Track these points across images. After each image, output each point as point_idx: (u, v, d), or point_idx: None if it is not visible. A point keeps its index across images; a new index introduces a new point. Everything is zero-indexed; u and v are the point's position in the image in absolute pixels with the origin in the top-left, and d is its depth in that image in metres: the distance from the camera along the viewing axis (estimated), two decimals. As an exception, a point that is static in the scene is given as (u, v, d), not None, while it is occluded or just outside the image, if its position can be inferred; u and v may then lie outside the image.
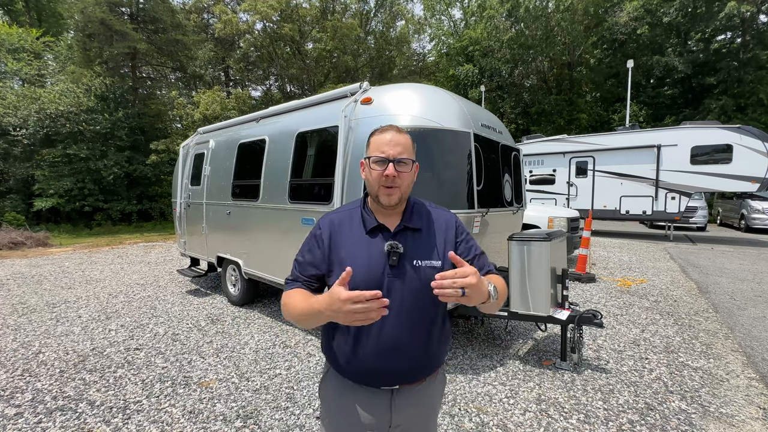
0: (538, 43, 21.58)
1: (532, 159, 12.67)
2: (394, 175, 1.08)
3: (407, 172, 1.11)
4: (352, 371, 1.12)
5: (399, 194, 1.11)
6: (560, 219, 6.64)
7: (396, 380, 1.11)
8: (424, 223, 1.17)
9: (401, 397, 1.13)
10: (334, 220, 1.17)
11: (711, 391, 2.83)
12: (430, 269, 1.10)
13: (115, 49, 14.20)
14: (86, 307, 4.94)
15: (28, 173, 13.67)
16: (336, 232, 1.14)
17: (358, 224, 1.15)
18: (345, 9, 21.30)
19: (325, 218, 1.19)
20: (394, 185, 1.09)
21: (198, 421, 2.48)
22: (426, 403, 1.19)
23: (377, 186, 1.10)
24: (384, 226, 1.13)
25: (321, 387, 1.24)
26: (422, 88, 3.60)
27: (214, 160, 5.32)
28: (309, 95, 9.82)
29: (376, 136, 1.13)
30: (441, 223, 1.19)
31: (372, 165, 1.10)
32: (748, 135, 9.40)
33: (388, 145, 1.09)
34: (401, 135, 1.12)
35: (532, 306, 3.12)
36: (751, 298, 5.17)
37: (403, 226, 1.14)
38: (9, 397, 2.77)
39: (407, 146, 1.12)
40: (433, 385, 1.21)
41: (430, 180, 3.20)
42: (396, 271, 1.08)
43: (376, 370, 1.09)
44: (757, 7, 17.26)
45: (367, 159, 1.12)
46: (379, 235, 1.12)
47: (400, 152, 1.09)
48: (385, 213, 1.15)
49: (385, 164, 1.08)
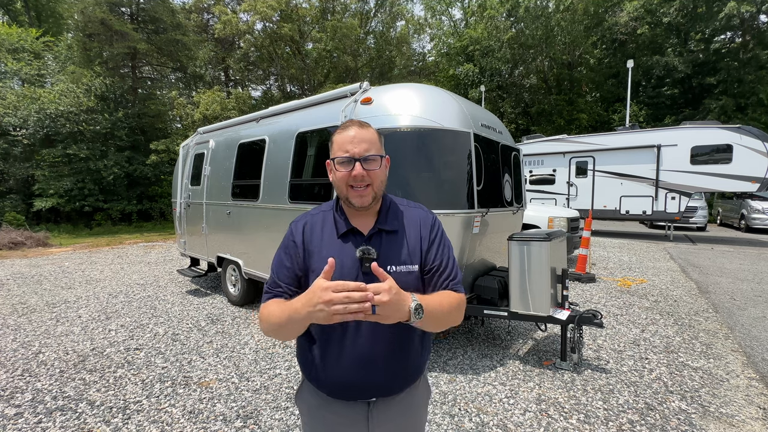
0: (538, 43, 21.58)
1: (532, 159, 12.67)
2: (363, 175, 0.99)
3: (377, 170, 1.02)
4: (326, 383, 1.06)
5: (372, 194, 1.02)
6: (560, 219, 6.64)
7: (372, 393, 1.05)
8: (399, 224, 1.08)
9: (379, 410, 1.06)
10: (306, 224, 1.09)
11: (711, 391, 2.83)
12: (406, 274, 1.03)
13: (115, 49, 14.20)
14: (86, 307, 4.94)
15: (28, 173, 13.68)
16: (308, 236, 1.07)
17: (330, 227, 1.07)
18: (345, 9, 21.30)
19: (297, 222, 1.12)
20: (364, 185, 1.01)
21: (198, 421, 2.48)
22: (407, 415, 1.13)
23: (345, 188, 1.02)
24: (356, 230, 1.05)
25: (297, 399, 1.18)
26: (422, 88, 3.60)
27: (214, 160, 5.32)
28: (309, 95, 9.82)
29: (338, 135, 1.04)
30: (416, 222, 1.10)
31: (337, 167, 1.01)
32: (748, 135, 9.40)
33: (352, 142, 1.00)
34: (365, 130, 1.03)
35: (532, 306, 3.12)
36: (751, 298, 5.17)
37: (378, 229, 1.06)
38: (9, 397, 2.77)
39: (373, 141, 1.02)
40: (414, 396, 1.14)
41: (430, 180, 3.20)
42: (369, 279, 0.93)
43: (350, 383, 1.03)
44: (757, 7, 17.25)
45: (332, 160, 1.03)
46: (352, 239, 1.04)
47: (366, 149, 1.00)
48: (358, 215, 1.07)
49: (351, 164, 0.99)
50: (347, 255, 1.02)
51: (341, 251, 1.02)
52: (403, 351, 1.06)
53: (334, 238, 1.05)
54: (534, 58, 22.92)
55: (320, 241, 1.06)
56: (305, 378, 1.13)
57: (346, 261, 1.01)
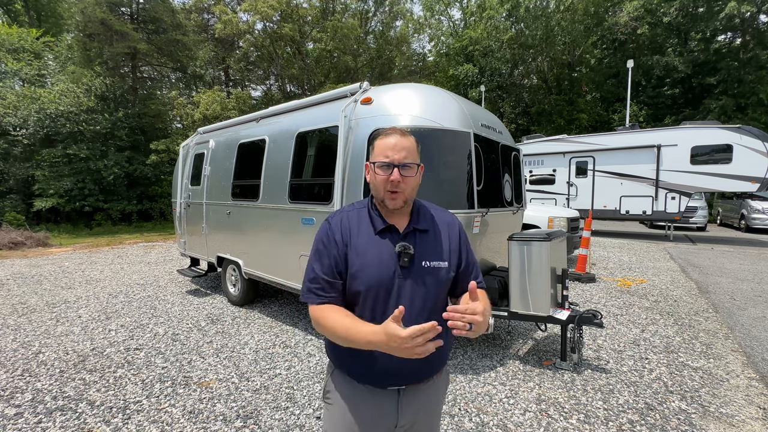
0: (538, 43, 21.57)
1: (532, 159, 12.67)
2: (399, 181, 1.08)
3: (412, 176, 1.12)
4: (360, 372, 1.12)
5: (403, 198, 1.11)
6: (560, 219, 6.64)
7: (404, 380, 1.12)
8: (429, 224, 1.19)
9: (408, 397, 1.14)
10: (344, 219, 1.16)
11: (711, 391, 2.83)
12: (438, 269, 1.13)
13: (115, 49, 14.20)
14: (86, 307, 4.94)
15: (28, 173, 13.68)
16: (347, 230, 1.14)
17: (366, 224, 1.15)
18: (345, 9, 21.30)
19: (334, 217, 1.18)
20: (398, 190, 1.09)
21: (198, 421, 2.48)
22: (431, 402, 1.20)
23: (383, 191, 1.11)
24: (393, 227, 1.14)
25: (327, 387, 1.22)
26: (422, 88, 3.60)
27: (214, 160, 5.32)
28: (309, 95, 9.82)
29: (380, 140, 1.12)
30: (445, 224, 1.22)
31: (377, 170, 1.10)
32: (748, 135, 9.40)
33: (393, 149, 1.09)
34: (406, 138, 1.11)
35: (532, 306, 3.12)
36: (751, 298, 5.17)
37: (412, 228, 1.15)
38: (9, 397, 2.77)
39: (412, 150, 1.11)
40: (438, 384, 1.22)
41: (430, 180, 3.20)
42: (406, 272, 1.09)
43: (385, 371, 1.09)
44: (757, 7, 17.25)
45: (372, 164, 1.12)
46: (389, 236, 1.13)
47: (405, 157, 1.09)
48: (392, 214, 1.16)
49: (390, 169, 1.08)
50: (385, 250, 1.11)
51: (380, 246, 1.11)
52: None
53: (371, 234, 1.13)
54: (534, 58, 22.92)
55: (359, 234, 1.13)
56: (337, 369, 1.18)
57: (384, 256, 1.10)
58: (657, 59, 19.81)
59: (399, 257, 1.09)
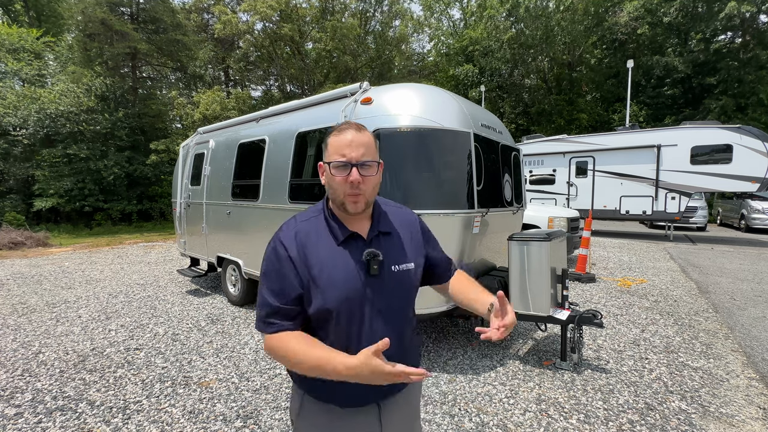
0: (538, 43, 21.58)
1: (532, 159, 12.67)
2: (359, 181, 0.97)
3: (372, 176, 1.01)
4: (339, 394, 1.02)
5: (365, 200, 1.01)
6: (560, 219, 6.64)
7: (384, 392, 1.05)
8: (393, 226, 1.11)
9: (388, 409, 1.09)
10: (299, 233, 1.03)
11: (711, 391, 2.83)
12: (407, 272, 1.08)
13: (116, 49, 14.20)
14: (86, 307, 4.94)
15: (28, 173, 13.68)
16: (303, 246, 1.01)
17: (326, 235, 1.03)
18: (344, 9, 21.30)
19: (286, 233, 1.04)
20: (359, 191, 0.99)
21: (198, 421, 2.48)
22: (410, 408, 1.17)
23: (342, 194, 0.99)
24: (357, 234, 1.04)
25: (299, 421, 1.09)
26: (422, 88, 3.60)
27: (214, 160, 5.32)
28: (309, 95, 9.81)
29: (334, 137, 1.00)
30: (405, 222, 1.15)
31: (333, 171, 0.98)
32: (748, 135, 9.40)
33: (350, 147, 0.97)
34: (362, 134, 1.00)
35: (532, 306, 3.12)
36: (751, 298, 5.17)
37: (377, 232, 1.07)
38: (9, 397, 2.77)
39: (370, 146, 1.00)
40: (414, 388, 1.19)
41: (430, 180, 3.20)
42: (377, 281, 1.01)
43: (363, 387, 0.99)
44: (757, 7, 17.25)
45: (327, 164, 1.00)
46: (353, 244, 1.03)
47: (363, 154, 0.98)
48: (352, 219, 1.05)
49: (348, 169, 0.97)
50: (351, 260, 1.01)
51: (344, 257, 1.01)
52: (404, 344, 1.10)
53: (333, 246, 1.02)
54: (534, 58, 22.92)
55: (318, 247, 1.01)
56: (307, 394, 1.07)
57: (351, 267, 1.00)
58: (657, 59, 19.81)
59: (367, 266, 1.01)
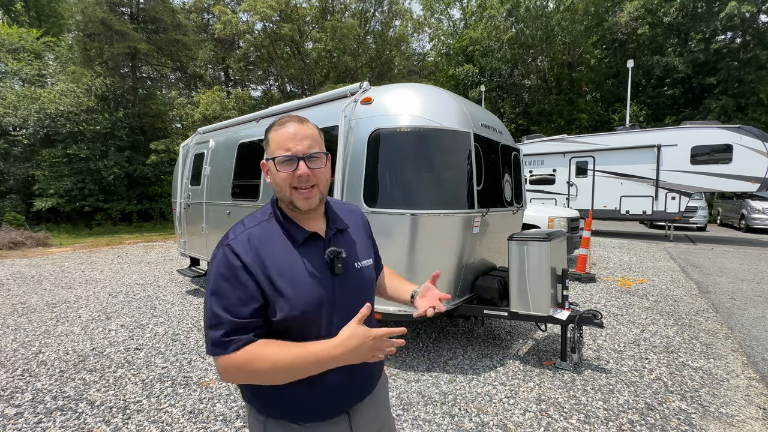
0: (538, 43, 21.59)
1: (532, 159, 12.67)
2: (308, 175, 0.92)
3: (322, 168, 0.95)
4: (304, 409, 0.95)
5: (318, 195, 0.95)
6: (560, 219, 6.64)
7: (353, 399, 1.01)
8: (348, 221, 1.08)
9: (358, 416, 1.03)
10: (251, 238, 0.93)
11: (711, 391, 2.83)
12: (368, 267, 1.06)
13: (115, 49, 14.20)
14: (86, 307, 4.94)
15: (28, 173, 13.69)
16: (259, 253, 0.91)
17: (280, 238, 0.95)
18: (344, 8, 21.31)
19: (236, 238, 0.93)
20: (310, 185, 0.93)
21: (198, 421, 2.48)
22: (379, 408, 1.12)
23: (288, 190, 0.93)
24: (316, 234, 0.99)
25: None
26: (422, 88, 3.60)
27: (214, 160, 5.32)
28: (309, 95, 9.81)
29: (275, 132, 0.95)
30: (357, 218, 1.14)
31: (278, 167, 0.92)
32: (748, 135, 9.40)
33: (293, 140, 0.92)
34: (305, 126, 0.95)
35: (532, 306, 3.12)
36: (751, 298, 5.17)
37: (335, 229, 1.02)
38: (9, 397, 2.77)
39: (315, 137, 0.95)
40: (381, 389, 1.13)
41: (430, 180, 3.20)
42: (342, 280, 0.97)
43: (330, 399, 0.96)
44: (757, 7, 17.25)
45: (271, 160, 0.93)
46: (312, 245, 0.97)
47: (310, 146, 0.93)
48: (307, 218, 0.99)
49: (294, 163, 0.91)
50: (313, 262, 0.95)
51: (306, 258, 0.95)
52: None
53: (291, 250, 0.95)
54: (534, 58, 22.93)
55: (274, 253, 0.93)
56: (269, 418, 0.97)
57: (314, 269, 0.94)
58: (657, 59, 19.81)
59: (331, 265, 0.96)
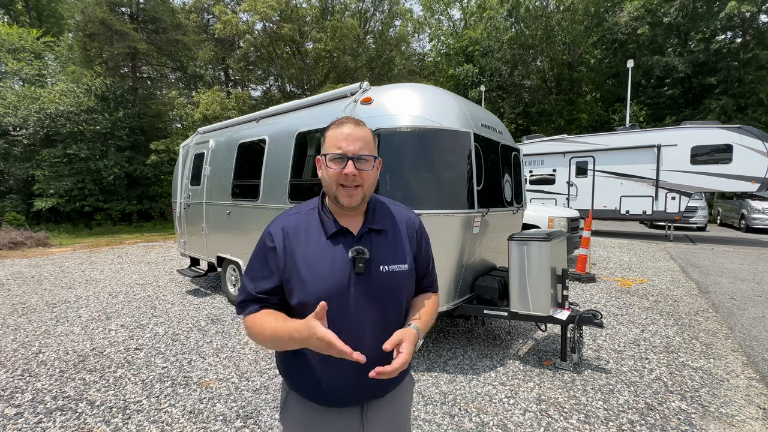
0: (538, 43, 21.60)
1: (532, 159, 12.67)
2: (354, 174, 0.96)
3: (369, 170, 0.99)
4: (319, 393, 1.02)
5: (361, 195, 1.00)
6: (560, 219, 6.64)
7: (367, 396, 1.04)
8: (388, 224, 1.08)
9: (372, 412, 1.06)
10: (287, 227, 1.03)
11: (711, 391, 2.83)
12: (398, 273, 1.03)
13: (115, 49, 14.19)
14: (86, 307, 4.94)
15: (28, 173, 13.67)
16: (290, 239, 1.01)
17: (316, 228, 1.03)
18: (344, 8, 21.30)
19: (275, 225, 1.05)
20: (355, 185, 0.98)
21: (198, 421, 2.48)
22: (397, 411, 1.13)
23: (335, 186, 0.98)
24: (346, 230, 1.03)
25: (282, 416, 1.10)
26: (422, 87, 3.60)
27: (214, 160, 5.32)
28: (309, 95, 9.82)
29: (332, 131, 1.00)
30: (403, 222, 1.12)
31: (329, 163, 0.98)
32: (748, 135, 9.41)
33: (346, 140, 0.97)
34: (360, 128, 1.00)
35: (532, 306, 3.12)
36: (751, 298, 5.17)
37: (367, 229, 1.04)
38: (9, 397, 2.77)
39: (368, 141, 0.99)
40: (402, 391, 1.15)
41: (430, 180, 3.20)
42: (363, 279, 0.98)
43: (347, 388, 1.01)
44: (757, 7, 17.25)
45: (324, 156, 0.99)
46: (342, 240, 1.01)
47: (361, 148, 0.97)
48: (345, 214, 1.04)
49: (344, 162, 0.96)
50: (338, 256, 0.99)
51: (332, 252, 0.99)
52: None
53: (322, 240, 1.01)
54: (534, 58, 22.93)
55: (306, 241, 1.01)
56: (292, 391, 1.07)
57: (337, 262, 0.98)
58: (657, 59, 19.81)
59: (353, 263, 0.98)
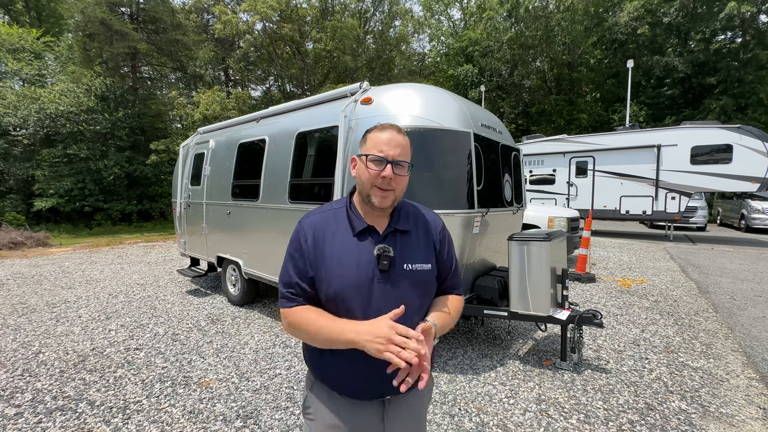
0: (538, 43, 21.60)
1: (532, 159, 12.67)
2: (391, 177, 1.02)
3: (404, 176, 1.06)
4: (343, 384, 1.07)
5: (393, 198, 1.06)
6: (560, 219, 6.64)
7: (389, 390, 1.05)
8: (412, 225, 1.13)
9: (393, 408, 1.10)
10: (317, 222, 1.10)
11: (711, 391, 2.83)
12: (420, 272, 1.08)
13: (115, 49, 14.19)
14: (86, 307, 4.94)
15: (28, 173, 13.67)
16: (320, 234, 1.07)
17: (344, 226, 1.09)
18: (344, 9, 21.30)
19: (307, 220, 1.11)
20: (390, 188, 1.04)
21: (198, 421, 2.48)
22: (417, 408, 1.18)
23: (370, 186, 1.04)
24: (373, 228, 1.08)
25: (306, 403, 1.16)
26: (422, 87, 3.60)
27: (214, 160, 5.32)
28: (309, 95, 9.82)
29: (374, 134, 1.07)
30: (427, 224, 1.17)
31: (369, 164, 1.03)
32: (748, 135, 9.40)
33: (388, 145, 1.03)
34: (401, 135, 1.07)
35: (532, 306, 3.12)
36: (751, 298, 5.17)
37: (393, 228, 1.09)
38: (9, 397, 2.77)
39: (406, 148, 1.07)
40: (422, 397, 1.19)
41: (430, 180, 3.20)
42: (386, 276, 1.04)
43: (369, 380, 1.05)
44: (757, 7, 17.25)
45: (364, 156, 1.05)
46: (368, 238, 1.07)
47: (400, 154, 1.04)
48: (373, 214, 1.10)
49: (383, 165, 1.02)
50: (364, 253, 1.05)
51: (358, 249, 1.05)
52: None
53: (349, 237, 1.07)
54: (534, 58, 22.94)
55: (334, 236, 1.07)
56: (317, 380, 1.13)
57: (362, 259, 1.04)
58: (657, 59, 19.81)
59: (378, 260, 1.04)
